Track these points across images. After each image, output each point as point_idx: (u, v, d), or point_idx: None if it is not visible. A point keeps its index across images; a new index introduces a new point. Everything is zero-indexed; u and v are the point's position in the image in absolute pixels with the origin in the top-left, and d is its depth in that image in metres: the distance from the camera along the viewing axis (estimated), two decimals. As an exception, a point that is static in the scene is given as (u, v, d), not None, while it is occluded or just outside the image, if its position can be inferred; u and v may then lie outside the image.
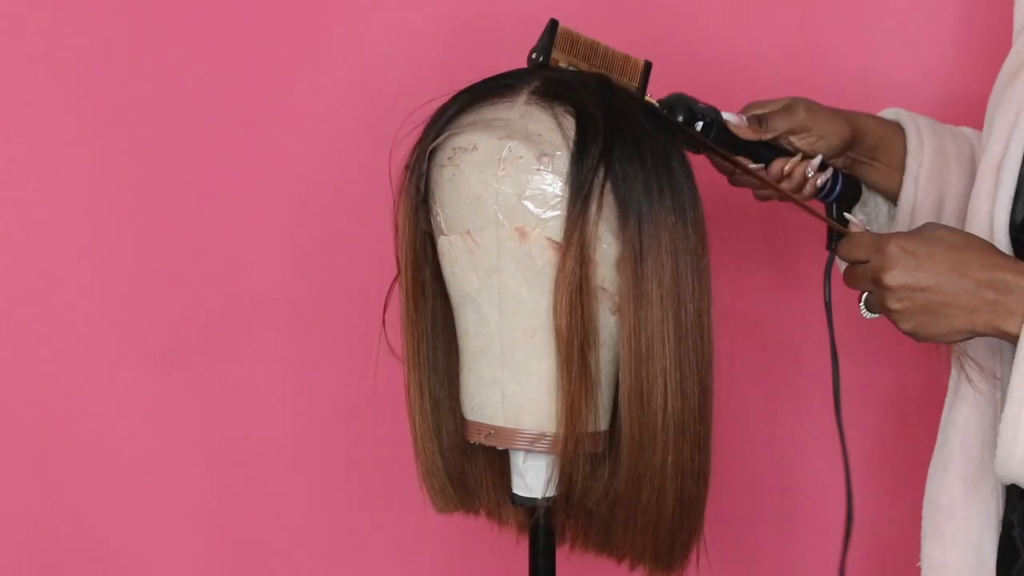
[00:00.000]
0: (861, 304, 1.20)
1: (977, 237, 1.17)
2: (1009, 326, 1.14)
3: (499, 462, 1.31)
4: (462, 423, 1.28)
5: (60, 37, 1.64)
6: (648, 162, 1.19)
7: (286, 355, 1.71)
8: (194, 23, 1.65)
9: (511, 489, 1.27)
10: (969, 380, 1.25)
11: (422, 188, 1.24)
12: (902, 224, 1.38)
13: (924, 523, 1.30)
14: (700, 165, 1.26)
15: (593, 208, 1.18)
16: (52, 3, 1.63)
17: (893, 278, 1.15)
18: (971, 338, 1.16)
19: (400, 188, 1.26)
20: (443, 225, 1.23)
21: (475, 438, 1.25)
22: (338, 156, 1.67)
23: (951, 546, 1.27)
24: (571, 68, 1.25)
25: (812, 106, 1.34)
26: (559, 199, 1.19)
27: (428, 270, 1.27)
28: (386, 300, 1.30)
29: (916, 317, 1.15)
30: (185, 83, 1.65)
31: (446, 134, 1.22)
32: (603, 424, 1.24)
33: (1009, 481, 1.18)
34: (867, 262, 1.17)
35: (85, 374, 1.68)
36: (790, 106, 1.33)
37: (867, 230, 1.21)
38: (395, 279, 1.29)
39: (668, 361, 1.20)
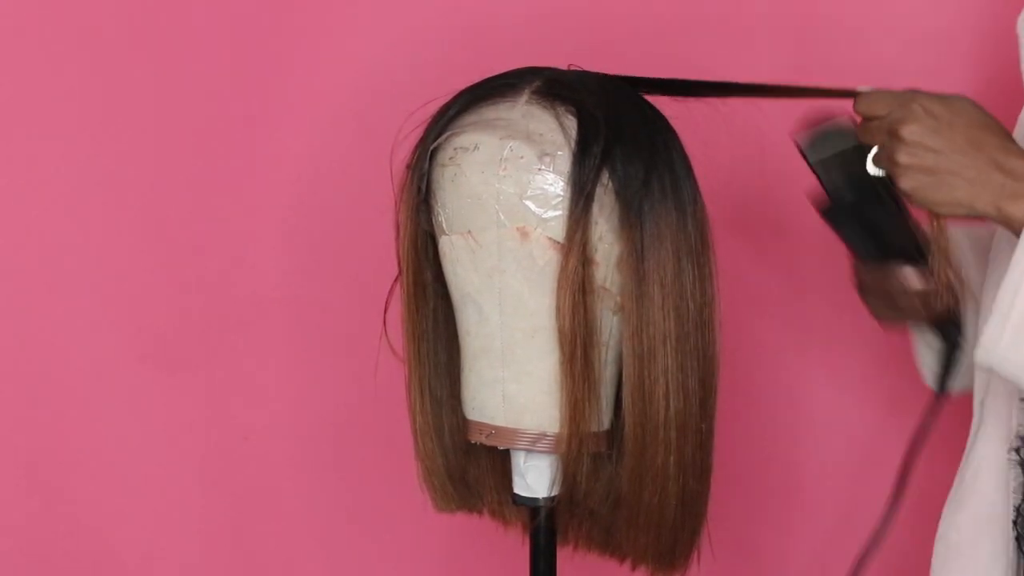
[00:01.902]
0: (869, 159, 1.17)
1: (1000, 124, 1.15)
2: (1012, 209, 1.11)
3: (500, 462, 1.31)
4: (463, 423, 1.28)
5: (60, 37, 1.64)
6: (650, 161, 1.19)
7: (286, 355, 1.71)
8: (194, 23, 1.65)
9: (512, 489, 1.27)
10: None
11: (423, 188, 1.24)
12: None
13: (934, 559, 1.31)
14: (701, 165, 1.26)
15: (595, 208, 1.18)
16: (52, 3, 1.63)
17: (910, 132, 1.13)
18: (965, 216, 1.14)
19: (401, 188, 1.26)
20: (444, 225, 1.23)
21: (476, 438, 1.25)
22: (338, 156, 1.67)
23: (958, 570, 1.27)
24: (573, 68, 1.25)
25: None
26: (560, 199, 1.19)
27: (429, 270, 1.27)
28: (387, 300, 1.30)
29: (920, 177, 1.13)
30: (186, 83, 1.65)
31: (447, 134, 1.22)
32: (605, 424, 1.24)
33: (986, 368, 1.14)
34: (886, 116, 1.15)
35: (85, 374, 1.68)
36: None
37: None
38: (396, 279, 1.29)
39: (670, 360, 1.20)
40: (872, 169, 1.18)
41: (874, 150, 1.17)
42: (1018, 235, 1.11)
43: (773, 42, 1.69)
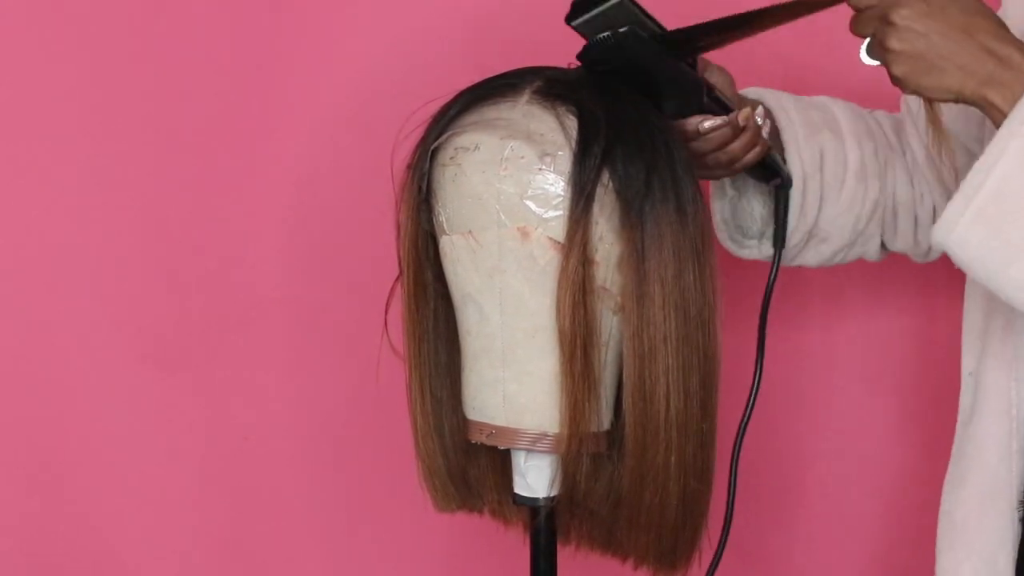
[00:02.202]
0: (862, 49, 1.17)
1: (992, 10, 1.14)
2: (995, 97, 1.11)
3: (501, 462, 1.31)
4: (463, 422, 1.28)
5: (60, 37, 1.64)
6: (650, 161, 1.19)
7: (286, 355, 1.71)
8: (195, 23, 1.65)
9: (513, 489, 1.28)
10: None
11: (424, 188, 1.24)
12: (794, 204, 1.36)
13: (939, 538, 1.31)
14: (701, 165, 1.26)
15: (595, 208, 1.18)
16: (52, 3, 1.63)
17: (902, 17, 1.12)
18: (954, 101, 1.13)
19: (402, 188, 1.26)
20: (445, 225, 1.23)
21: (476, 438, 1.25)
22: (338, 156, 1.67)
23: (964, 560, 1.27)
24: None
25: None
26: (561, 199, 1.19)
27: (430, 270, 1.27)
28: (388, 300, 1.30)
29: (911, 62, 1.12)
30: (186, 83, 1.65)
31: (448, 134, 1.22)
32: (605, 424, 1.24)
33: (940, 248, 1.14)
34: (878, 4, 1.14)
35: (85, 374, 1.68)
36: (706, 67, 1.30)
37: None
38: (396, 279, 1.29)
39: (671, 361, 1.20)
40: (866, 59, 1.18)
41: (867, 41, 1.16)
42: (997, 125, 1.11)
43: (775, 40, 1.69)
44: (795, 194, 1.36)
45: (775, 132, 1.37)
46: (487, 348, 1.23)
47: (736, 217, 1.43)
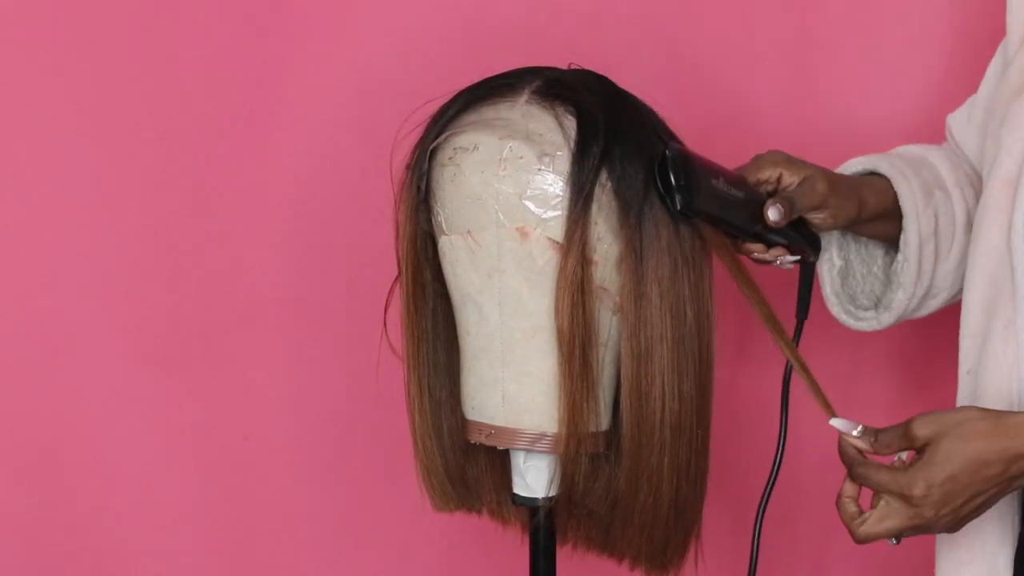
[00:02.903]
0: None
1: (993, 433, 1.16)
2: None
3: (500, 462, 1.31)
4: (462, 423, 1.28)
5: (60, 37, 1.64)
6: (649, 162, 1.20)
7: (286, 355, 1.71)
8: (194, 23, 1.64)
9: (512, 489, 1.28)
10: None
11: (423, 188, 1.24)
12: (909, 271, 1.38)
13: (938, 538, 1.31)
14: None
15: (594, 208, 1.18)
16: (52, 3, 1.63)
17: (920, 490, 1.16)
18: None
19: (401, 188, 1.26)
20: (444, 225, 1.23)
21: (476, 438, 1.26)
22: (338, 156, 1.67)
23: (966, 562, 1.27)
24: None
25: (832, 179, 1.33)
26: (560, 199, 1.19)
27: (429, 270, 1.27)
28: (387, 300, 1.30)
29: (948, 526, 1.17)
30: (185, 83, 1.65)
31: (447, 134, 1.22)
32: (604, 424, 1.24)
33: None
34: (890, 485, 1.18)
35: (85, 374, 1.67)
36: (811, 180, 1.31)
37: (863, 432, 1.21)
38: (396, 279, 1.29)
39: (666, 362, 1.20)
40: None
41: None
42: None
43: (773, 41, 1.69)
44: (911, 262, 1.38)
45: (889, 210, 1.38)
46: (486, 348, 1.23)
47: (847, 287, 1.44)
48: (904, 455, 1.19)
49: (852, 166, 1.41)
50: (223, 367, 1.70)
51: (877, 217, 1.37)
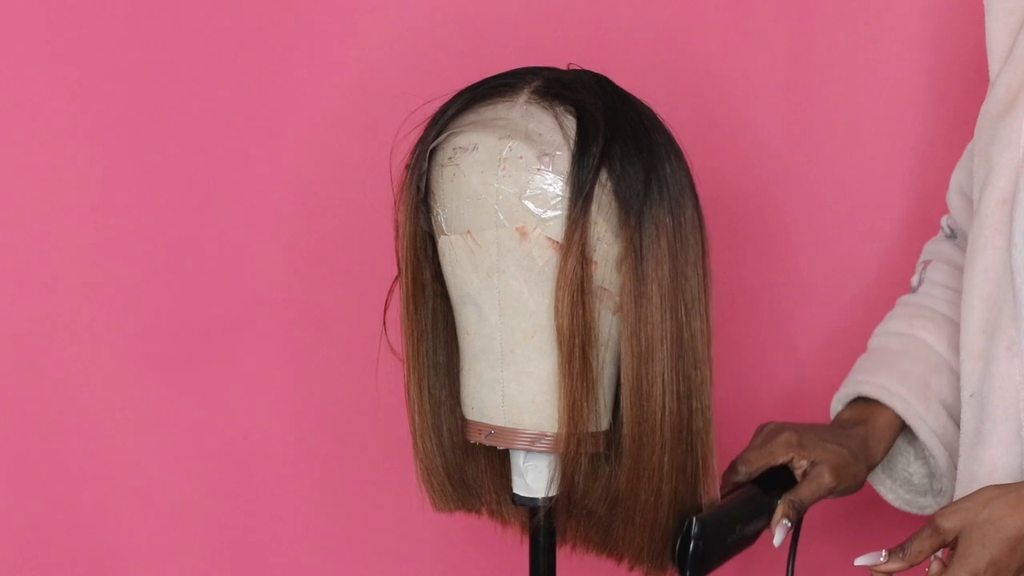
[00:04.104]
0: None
1: (1017, 507, 1.17)
2: None
3: (500, 462, 1.31)
4: (462, 423, 1.28)
5: (60, 37, 1.64)
6: (648, 162, 1.19)
7: (286, 355, 1.71)
8: (194, 23, 1.65)
9: (512, 489, 1.27)
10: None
11: (422, 188, 1.24)
12: (943, 459, 1.42)
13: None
14: (699, 164, 1.26)
15: (594, 208, 1.18)
16: (52, 3, 1.63)
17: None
18: None
19: (400, 188, 1.26)
20: (443, 225, 1.23)
21: (475, 438, 1.26)
22: (338, 156, 1.67)
23: None
24: None
25: (838, 463, 1.36)
26: (560, 199, 1.19)
27: (428, 270, 1.27)
28: (387, 300, 1.30)
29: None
30: (185, 83, 1.65)
31: (446, 133, 1.22)
32: (604, 424, 1.24)
33: None
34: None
35: (85, 374, 1.68)
36: (818, 473, 1.35)
37: (889, 555, 1.22)
38: (395, 279, 1.29)
39: (666, 362, 1.20)
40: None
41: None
42: None
43: (773, 41, 1.69)
44: (939, 461, 1.42)
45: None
46: (486, 348, 1.23)
47: (892, 474, 1.48)
48: (939, 553, 1.21)
49: (840, 400, 1.45)
50: (223, 367, 1.70)
51: (891, 443, 1.42)
